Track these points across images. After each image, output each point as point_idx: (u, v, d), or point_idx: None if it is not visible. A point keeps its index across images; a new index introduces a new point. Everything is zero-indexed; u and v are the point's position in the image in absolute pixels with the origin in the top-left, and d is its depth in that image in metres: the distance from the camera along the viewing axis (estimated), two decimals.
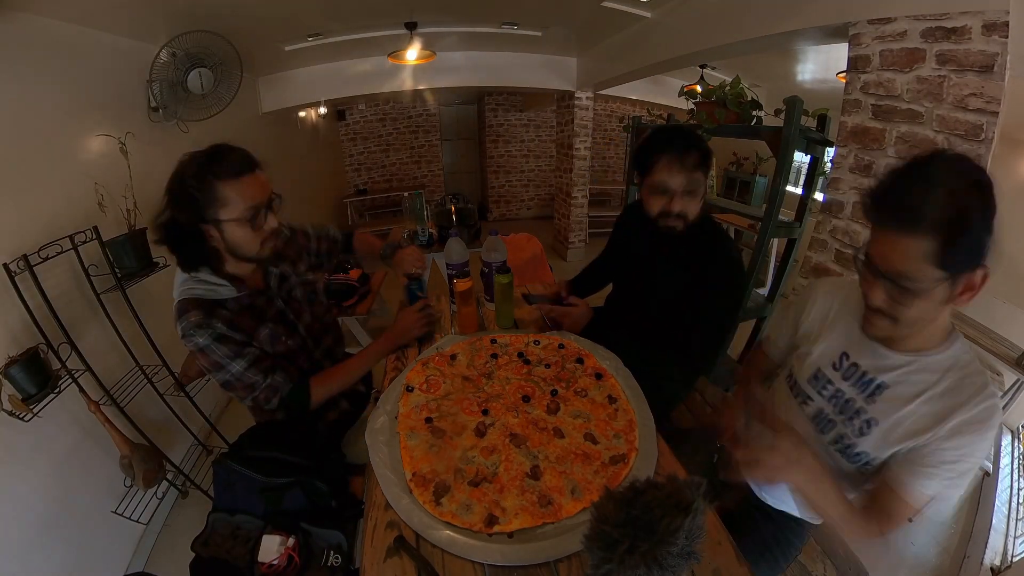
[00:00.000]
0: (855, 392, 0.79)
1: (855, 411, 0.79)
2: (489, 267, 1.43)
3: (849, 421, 0.80)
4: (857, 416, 0.79)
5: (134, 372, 1.80)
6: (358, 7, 2.75)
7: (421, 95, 6.20)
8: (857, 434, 0.79)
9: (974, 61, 1.22)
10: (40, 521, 1.42)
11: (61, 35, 1.78)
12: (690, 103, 2.48)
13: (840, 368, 0.82)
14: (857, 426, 0.78)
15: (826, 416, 0.84)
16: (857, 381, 0.79)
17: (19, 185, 1.52)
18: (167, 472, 1.83)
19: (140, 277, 1.77)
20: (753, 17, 2.07)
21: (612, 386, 1.09)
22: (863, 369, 0.79)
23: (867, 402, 0.77)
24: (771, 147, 1.99)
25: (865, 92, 1.52)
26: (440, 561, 0.73)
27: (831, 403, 0.83)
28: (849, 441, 0.80)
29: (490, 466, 0.88)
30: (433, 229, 3.12)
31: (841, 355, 0.82)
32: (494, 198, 7.24)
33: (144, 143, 2.14)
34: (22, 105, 1.59)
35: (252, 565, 0.95)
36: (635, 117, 3.15)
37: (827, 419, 0.83)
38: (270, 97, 3.82)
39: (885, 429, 0.75)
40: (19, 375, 1.31)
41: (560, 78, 4.39)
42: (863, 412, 0.78)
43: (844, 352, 0.82)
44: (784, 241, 2.36)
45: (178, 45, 2.20)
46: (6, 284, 1.35)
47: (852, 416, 0.79)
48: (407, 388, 1.09)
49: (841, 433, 0.81)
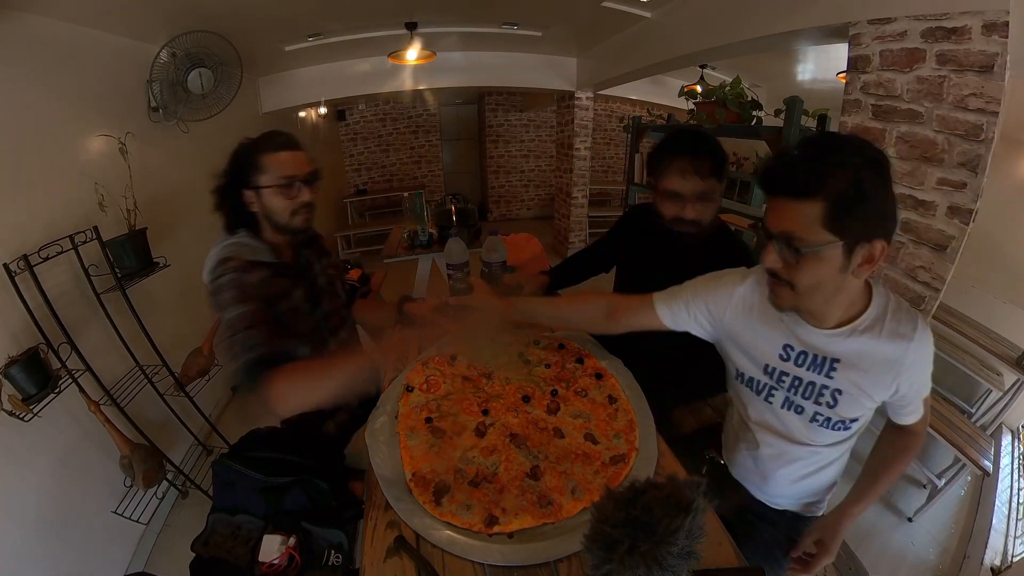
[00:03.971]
0: (813, 375, 0.82)
1: (819, 389, 0.82)
2: (489, 267, 1.43)
3: (817, 401, 0.83)
4: (822, 394, 0.82)
5: (134, 372, 1.80)
6: (358, 7, 2.75)
7: (421, 95, 6.19)
8: (828, 407, 0.82)
9: (974, 61, 1.22)
10: (40, 521, 1.42)
11: (61, 35, 1.78)
12: (690, 103, 2.49)
13: (789, 358, 0.83)
14: (825, 401, 0.82)
15: (794, 402, 0.86)
16: (811, 364, 0.81)
17: (19, 185, 1.53)
18: (167, 472, 1.83)
19: (140, 277, 1.77)
20: (753, 17, 2.07)
21: (612, 386, 1.09)
22: (812, 352, 0.81)
23: (827, 379, 0.80)
24: (771, 147, 1.99)
25: (865, 92, 1.52)
26: (440, 561, 0.73)
27: (792, 390, 0.85)
28: (825, 415, 0.83)
29: (490, 466, 0.88)
30: (433, 229, 3.11)
31: (784, 347, 0.83)
32: (494, 198, 7.23)
33: (144, 143, 2.14)
34: (22, 105, 1.59)
35: (252, 565, 0.95)
36: (635, 117, 3.16)
37: (796, 404, 0.86)
38: (270, 97, 3.83)
39: (853, 392, 0.79)
40: (19, 375, 1.31)
41: (560, 78, 4.40)
42: (826, 388, 0.81)
43: (786, 344, 0.83)
44: None
45: (178, 45, 2.20)
46: (6, 284, 1.35)
47: (818, 396, 0.82)
48: (407, 388, 1.09)
49: (815, 412, 0.84)
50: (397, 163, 6.97)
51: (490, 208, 7.26)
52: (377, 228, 5.44)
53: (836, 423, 0.83)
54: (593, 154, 5.17)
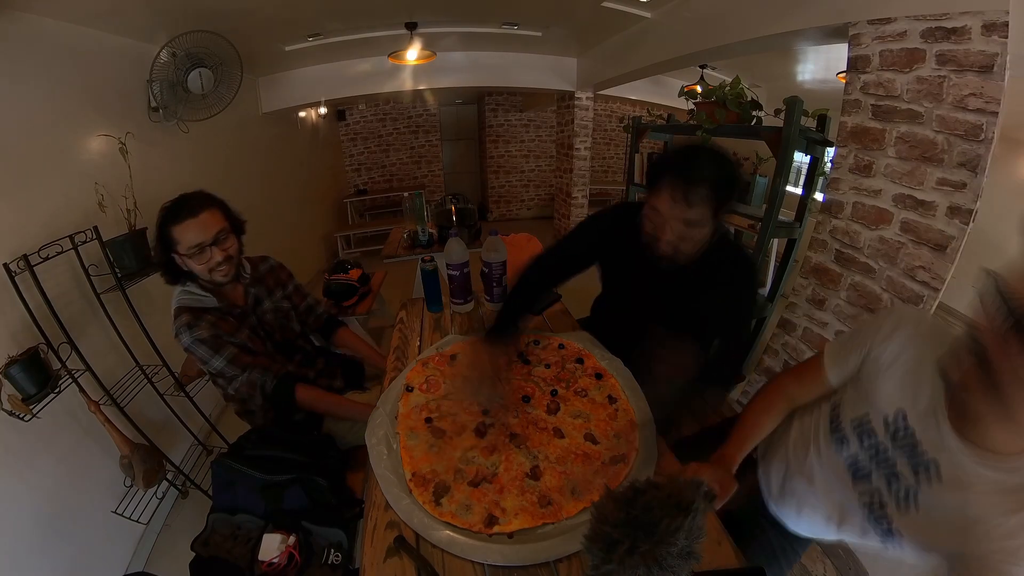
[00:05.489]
0: (900, 456, 0.67)
1: (894, 472, 0.67)
2: (489, 267, 1.43)
3: (887, 479, 0.68)
4: (897, 479, 0.67)
5: (134, 372, 1.80)
6: (358, 7, 2.75)
7: (421, 95, 6.19)
8: (894, 501, 0.67)
9: (974, 61, 1.22)
10: (40, 521, 1.41)
11: (61, 35, 1.78)
12: (690, 103, 2.48)
13: (891, 427, 0.69)
14: (895, 490, 0.67)
15: (861, 466, 0.73)
16: (906, 446, 0.67)
17: (19, 185, 1.52)
18: (167, 472, 1.83)
19: (140, 277, 1.77)
20: (753, 17, 2.07)
21: (612, 386, 1.09)
22: (918, 440, 0.65)
23: (912, 472, 0.65)
24: (771, 147, 1.99)
25: (865, 92, 1.52)
26: (440, 561, 0.73)
27: (868, 454, 0.72)
28: (883, 502, 0.68)
29: (490, 466, 0.88)
30: (433, 229, 3.12)
31: (897, 412, 0.69)
32: (494, 198, 7.23)
33: (144, 143, 2.14)
34: (22, 105, 1.59)
35: (253, 564, 0.95)
36: (635, 117, 3.16)
37: (863, 470, 0.72)
38: (270, 97, 3.82)
39: (930, 514, 0.63)
40: (19, 375, 1.30)
41: (560, 78, 4.40)
42: (904, 478, 0.66)
43: (902, 411, 0.68)
44: (784, 241, 2.36)
45: (178, 45, 2.20)
46: (6, 284, 1.35)
47: (891, 475, 0.67)
48: (407, 388, 1.09)
49: (876, 490, 0.70)
50: (397, 163, 6.96)
51: (490, 208, 7.26)
52: (377, 228, 5.44)
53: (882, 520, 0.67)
54: (593, 154, 5.17)
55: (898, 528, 0.67)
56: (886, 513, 0.69)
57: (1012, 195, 2.14)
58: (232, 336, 1.20)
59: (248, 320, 1.29)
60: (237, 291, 1.29)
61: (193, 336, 1.14)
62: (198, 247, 1.13)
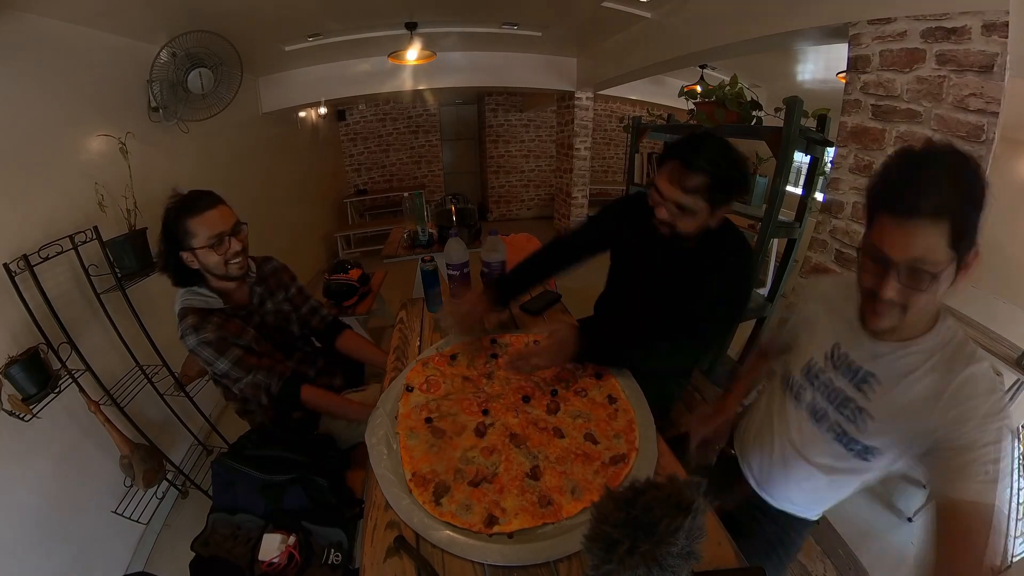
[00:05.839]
0: (844, 382, 0.81)
1: (844, 399, 0.81)
2: (489, 267, 1.43)
3: (840, 409, 0.81)
4: (846, 405, 0.80)
5: (134, 372, 1.80)
6: (358, 7, 2.75)
7: (421, 95, 6.19)
8: (850, 422, 0.80)
9: (974, 61, 1.22)
10: (40, 521, 1.42)
11: (61, 35, 1.78)
12: (690, 103, 2.48)
13: (832, 358, 0.83)
14: (848, 414, 0.80)
15: (819, 406, 0.85)
16: (846, 371, 0.80)
17: (19, 185, 1.52)
18: (167, 472, 1.83)
19: (140, 277, 1.77)
20: (753, 17, 2.07)
21: (612, 386, 1.09)
22: (852, 359, 0.80)
23: (856, 391, 0.79)
24: (771, 147, 1.99)
25: (865, 92, 1.52)
26: (440, 561, 0.73)
27: (822, 393, 0.85)
28: (845, 430, 0.81)
29: (490, 466, 0.88)
30: (433, 229, 3.12)
31: (833, 346, 0.84)
32: (494, 198, 7.23)
33: (144, 143, 2.14)
34: (22, 105, 1.59)
35: (253, 564, 0.95)
36: (635, 117, 3.15)
37: (820, 409, 0.85)
38: (270, 97, 3.82)
39: (881, 418, 0.76)
40: (19, 375, 1.30)
41: (560, 78, 4.40)
42: (852, 401, 0.79)
43: (836, 343, 0.83)
44: (784, 241, 2.35)
45: (178, 45, 2.20)
46: (6, 284, 1.35)
47: (841, 404, 0.81)
48: (407, 388, 1.09)
49: (835, 422, 0.82)
50: (397, 163, 6.97)
51: (490, 208, 7.26)
52: (377, 228, 5.43)
53: (853, 443, 0.79)
54: (593, 154, 5.17)
55: (869, 445, 0.78)
56: (851, 436, 0.80)
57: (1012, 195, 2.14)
58: (238, 338, 1.21)
59: (253, 320, 1.30)
60: (243, 290, 1.29)
61: (199, 338, 1.14)
62: (218, 237, 1.13)
